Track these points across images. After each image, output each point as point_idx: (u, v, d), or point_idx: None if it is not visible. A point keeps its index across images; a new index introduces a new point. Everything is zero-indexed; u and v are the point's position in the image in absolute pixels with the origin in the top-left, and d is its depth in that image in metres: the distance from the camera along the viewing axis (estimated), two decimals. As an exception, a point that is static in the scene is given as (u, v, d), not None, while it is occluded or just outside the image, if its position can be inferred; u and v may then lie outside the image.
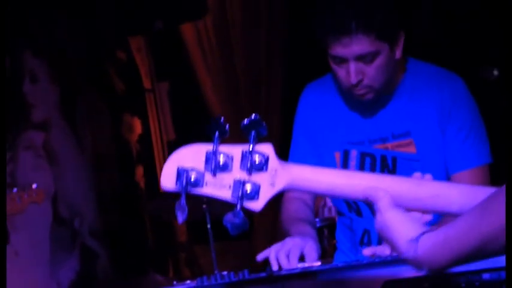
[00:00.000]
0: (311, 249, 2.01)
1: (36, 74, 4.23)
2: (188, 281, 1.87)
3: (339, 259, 2.33)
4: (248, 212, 1.32)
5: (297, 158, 2.32)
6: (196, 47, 5.29)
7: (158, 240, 5.24)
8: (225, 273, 1.75)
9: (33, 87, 4.19)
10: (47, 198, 4.20)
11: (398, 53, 2.09)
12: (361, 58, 2.03)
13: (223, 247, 4.24)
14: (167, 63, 5.55)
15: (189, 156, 1.32)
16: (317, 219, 3.45)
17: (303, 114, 2.30)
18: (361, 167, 2.17)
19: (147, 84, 5.51)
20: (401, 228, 1.29)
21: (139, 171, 5.29)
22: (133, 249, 5.07)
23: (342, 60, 2.05)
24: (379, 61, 2.04)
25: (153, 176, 5.40)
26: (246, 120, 1.31)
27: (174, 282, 1.91)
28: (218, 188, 1.31)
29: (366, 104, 2.14)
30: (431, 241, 1.25)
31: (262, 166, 1.32)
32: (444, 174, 2.13)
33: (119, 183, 5.05)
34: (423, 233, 1.26)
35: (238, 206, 1.31)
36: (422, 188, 1.33)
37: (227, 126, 1.31)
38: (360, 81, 2.05)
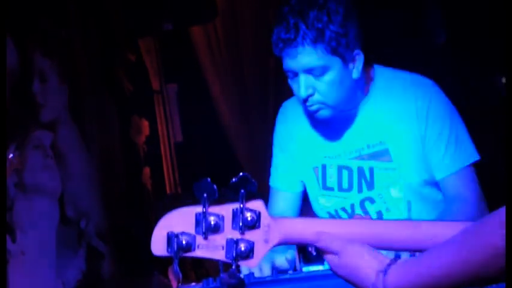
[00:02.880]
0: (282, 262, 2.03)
1: (46, 74, 4.24)
2: (193, 284, 1.87)
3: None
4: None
5: (277, 177, 2.32)
6: (205, 49, 5.30)
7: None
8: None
9: (42, 87, 4.19)
10: (54, 198, 4.21)
11: (355, 73, 2.05)
12: (309, 71, 2.00)
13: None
14: (176, 64, 5.55)
15: (179, 220, 1.31)
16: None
17: (280, 132, 2.31)
18: (339, 180, 2.17)
19: (155, 85, 5.52)
20: (366, 262, 1.24)
21: (147, 172, 5.29)
22: (139, 250, 5.07)
23: (294, 74, 2.04)
24: (329, 76, 2.01)
25: (160, 177, 5.40)
26: (234, 179, 1.30)
27: (180, 285, 1.91)
28: (211, 250, 1.31)
29: (324, 121, 2.12)
30: (401, 272, 1.19)
31: (255, 223, 1.30)
32: (423, 181, 2.11)
33: (126, 185, 5.05)
34: (390, 264, 1.21)
35: (234, 266, 1.31)
36: (420, 230, 1.31)
37: (215, 186, 1.30)
38: (310, 96, 2.02)
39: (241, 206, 1.30)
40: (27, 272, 3.90)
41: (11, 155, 3.66)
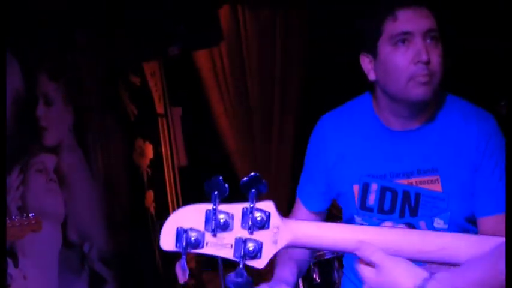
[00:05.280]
0: None
1: (51, 97, 4.25)
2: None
3: (345, 285, 2.31)
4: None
5: (304, 192, 2.26)
6: (210, 73, 5.30)
7: (167, 266, 5.21)
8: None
9: (47, 111, 4.20)
10: (57, 222, 4.20)
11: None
12: (428, 33, 1.95)
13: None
14: (180, 88, 5.57)
15: (189, 217, 1.31)
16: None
17: (318, 145, 2.21)
18: (380, 202, 2.08)
19: (159, 109, 5.52)
20: (404, 277, 1.24)
21: (150, 196, 5.28)
22: (142, 274, 5.04)
23: (408, 38, 1.95)
24: (441, 48, 1.96)
25: (164, 201, 5.39)
26: (245, 178, 1.30)
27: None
28: (219, 247, 1.30)
29: (418, 105, 2.01)
30: (440, 285, 1.20)
31: (264, 224, 1.30)
32: (468, 217, 2.04)
33: (130, 208, 5.04)
34: (427, 279, 1.22)
35: (241, 265, 1.30)
36: (429, 241, 1.30)
37: (226, 185, 1.29)
38: (427, 63, 1.93)
39: (252, 205, 1.29)
40: (29, 297, 3.88)
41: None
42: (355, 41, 2.10)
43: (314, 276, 3.83)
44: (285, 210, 2.47)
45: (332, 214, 4.29)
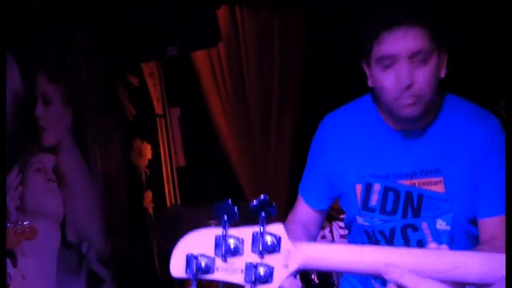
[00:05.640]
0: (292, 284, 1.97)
1: (50, 97, 4.25)
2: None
3: (344, 287, 2.30)
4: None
5: (306, 190, 2.25)
6: (208, 73, 5.31)
7: (165, 268, 5.21)
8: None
9: (46, 111, 4.20)
10: (55, 222, 4.19)
11: (443, 72, 1.96)
12: (414, 56, 1.89)
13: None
14: (179, 88, 5.56)
15: (198, 242, 1.30)
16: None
17: (321, 144, 2.20)
18: (383, 202, 2.07)
19: (158, 109, 5.52)
20: None
21: (148, 196, 5.28)
22: (140, 275, 5.04)
23: (392, 62, 1.92)
24: (431, 64, 1.90)
25: (162, 201, 5.38)
26: (255, 201, 1.29)
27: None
28: (230, 273, 1.29)
29: (410, 120, 1.99)
30: None
31: (275, 247, 1.29)
32: (470, 218, 2.03)
33: (128, 209, 5.04)
34: None
35: None
36: (442, 260, 1.28)
37: (236, 208, 1.29)
38: (409, 86, 1.90)
39: (262, 229, 1.29)
40: (27, 297, 3.87)
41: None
42: (355, 43, 2.09)
43: (313, 277, 3.84)
44: (284, 211, 2.47)
45: (330, 216, 4.31)
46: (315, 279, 3.79)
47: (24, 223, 3.23)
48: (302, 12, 5.30)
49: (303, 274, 3.75)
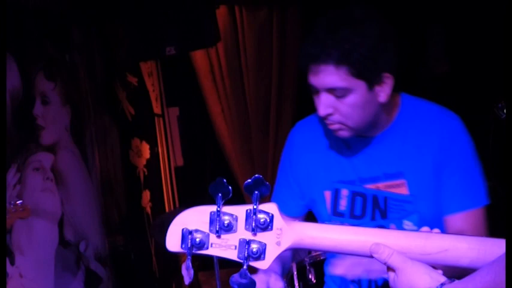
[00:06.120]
0: (276, 282, 1.97)
1: (48, 96, 4.25)
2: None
3: None
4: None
5: (280, 198, 2.25)
6: (207, 73, 5.31)
7: (162, 266, 5.22)
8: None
9: (44, 110, 4.21)
10: (53, 221, 4.20)
11: (382, 96, 1.97)
12: (331, 91, 1.94)
13: (227, 274, 4.22)
14: (177, 88, 5.57)
15: (193, 218, 1.34)
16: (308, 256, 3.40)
17: (291, 153, 2.25)
18: (351, 207, 2.11)
19: (156, 109, 5.53)
20: (421, 280, 1.26)
21: (146, 196, 5.28)
22: (138, 274, 5.05)
23: (316, 90, 1.98)
24: (351, 99, 1.93)
25: (160, 201, 5.39)
26: (249, 181, 1.32)
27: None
28: (224, 248, 1.33)
29: (343, 140, 2.07)
30: None
31: (267, 225, 1.33)
32: (437, 217, 2.04)
33: (126, 208, 5.04)
34: (443, 284, 1.24)
35: (245, 266, 1.31)
36: (431, 243, 1.31)
37: (229, 187, 1.32)
38: (329, 115, 1.97)
39: (255, 207, 1.31)
40: (25, 295, 3.88)
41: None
42: None
43: (310, 276, 3.83)
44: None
45: None
46: (313, 279, 3.79)
47: (18, 202, 3.20)
48: (300, 12, 5.31)
49: (301, 274, 3.76)
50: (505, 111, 3.14)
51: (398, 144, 2.06)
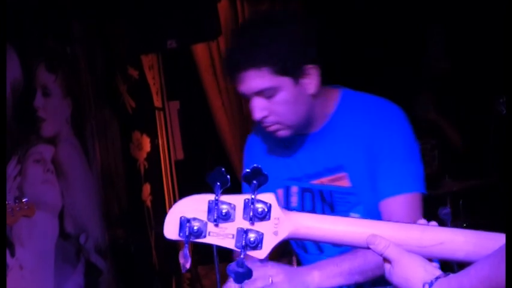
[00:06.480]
0: (272, 269, 1.98)
1: (49, 88, 4.26)
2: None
3: None
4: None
5: None
6: (208, 67, 5.31)
7: (163, 259, 5.23)
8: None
9: (45, 102, 4.21)
10: (53, 213, 4.21)
11: (311, 88, 1.99)
12: (260, 94, 1.97)
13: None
14: (178, 82, 5.57)
15: (192, 207, 1.34)
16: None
17: (248, 157, 2.28)
18: (302, 203, 2.14)
19: (157, 102, 5.53)
20: (416, 273, 1.27)
21: (147, 189, 5.29)
22: (138, 267, 5.06)
23: (246, 97, 2.00)
24: (281, 96, 1.96)
25: (161, 194, 5.40)
26: (247, 170, 1.33)
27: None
28: (221, 237, 1.33)
29: (288, 140, 2.09)
30: (446, 285, 1.22)
31: (265, 215, 1.33)
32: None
33: (126, 201, 5.05)
34: (437, 278, 1.24)
35: (242, 255, 1.32)
36: (426, 235, 1.31)
37: (228, 176, 1.32)
38: (264, 117, 2.00)
39: (253, 196, 1.32)
40: (25, 287, 3.89)
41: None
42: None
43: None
44: (282, 203, 2.49)
45: None
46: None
47: (23, 200, 3.21)
48: (302, 6, 5.31)
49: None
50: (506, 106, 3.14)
51: (336, 138, 2.09)
